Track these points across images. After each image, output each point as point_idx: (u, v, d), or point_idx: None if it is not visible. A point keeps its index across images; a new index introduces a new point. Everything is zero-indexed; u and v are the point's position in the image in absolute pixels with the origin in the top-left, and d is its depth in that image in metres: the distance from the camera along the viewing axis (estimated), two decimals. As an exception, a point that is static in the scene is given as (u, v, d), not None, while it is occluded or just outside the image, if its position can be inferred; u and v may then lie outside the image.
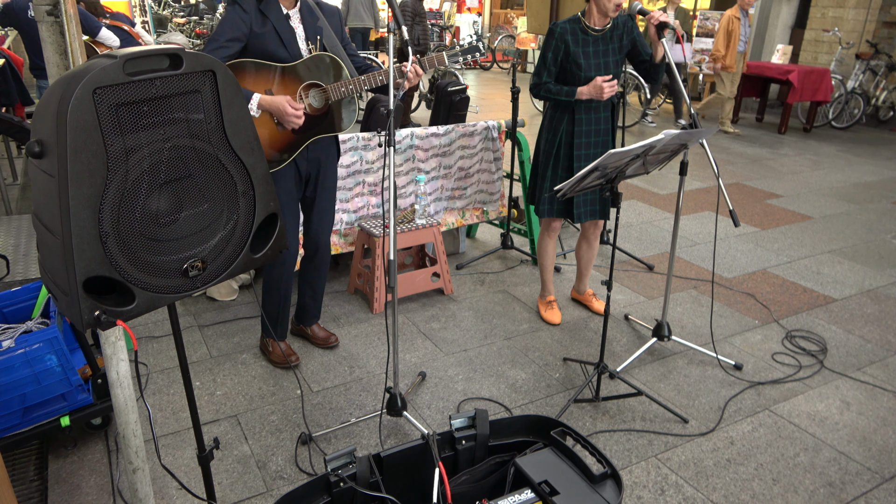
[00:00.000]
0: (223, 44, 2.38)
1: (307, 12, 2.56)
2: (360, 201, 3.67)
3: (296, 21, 2.53)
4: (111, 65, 1.18)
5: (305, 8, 2.56)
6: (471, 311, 3.53)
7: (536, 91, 2.99)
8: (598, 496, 1.56)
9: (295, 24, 2.52)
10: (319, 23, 2.58)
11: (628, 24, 2.96)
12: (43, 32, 1.61)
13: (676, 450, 2.48)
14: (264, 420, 2.60)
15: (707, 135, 2.45)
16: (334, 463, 1.64)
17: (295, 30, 2.52)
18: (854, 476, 2.36)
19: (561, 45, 2.90)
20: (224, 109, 1.38)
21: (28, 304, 2.51)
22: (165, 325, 3.30)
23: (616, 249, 4.02)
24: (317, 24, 2.57)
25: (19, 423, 2.21)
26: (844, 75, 8.76)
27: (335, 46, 2.60)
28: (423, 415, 2.66)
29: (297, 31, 2.53)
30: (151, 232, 1.31)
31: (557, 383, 2.89)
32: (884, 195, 5.87)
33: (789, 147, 7.74)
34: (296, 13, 2.53)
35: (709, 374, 2.98)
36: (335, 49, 2.60)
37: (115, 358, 1.75)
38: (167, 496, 2.21)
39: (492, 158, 4.06)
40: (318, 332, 3.13)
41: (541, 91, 2.97)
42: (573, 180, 2.27)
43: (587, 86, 2.87)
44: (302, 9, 2.54)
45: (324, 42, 2.59)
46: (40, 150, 1.20)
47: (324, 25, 2.59)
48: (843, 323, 3.49)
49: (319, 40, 2.58)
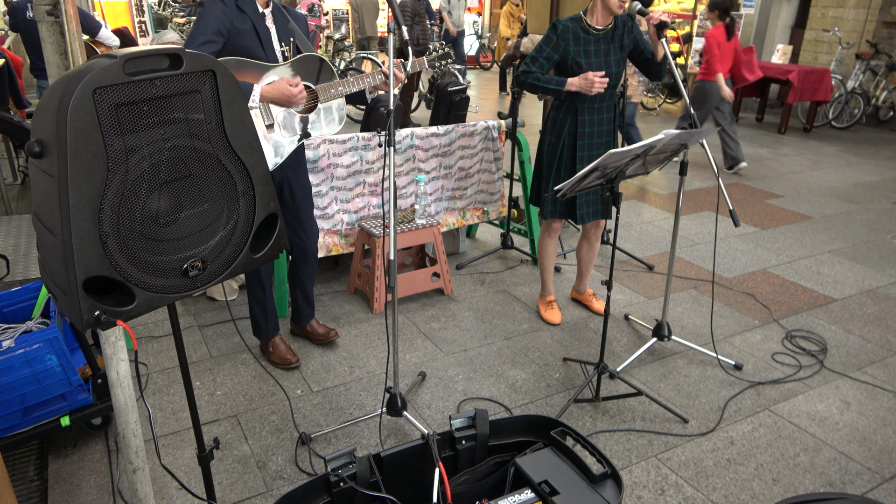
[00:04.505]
0: (210, 38, 2.33)
1: (278, 13, 2.57)
2: (360, 201, 3.67)
3: (269, 21, 2.53)
4: (111, 65, 1.18)
5: (276, 9, 2.56)
6: (471, 311, 3.53)
7: (524, 78, 2.94)
8: (598, 496, 1.56)
9: (269, 24, 2.53)
10: (290, 25, 2.59)
11: (629, 24, 2.96)
12: (43, 32, 1.61)
13: (676, 450, 2.48)
14: (264, 420, 2.60)
15: (707, 135, 2.45)
16: (334, 463, 1.64)
17: (270, 29, 2.52)
18: (854, 476, 2.36)
19: (561, 43, 2.90)
20: (224, 109, 1.38)
21: (28, 304, 2.51)
22: (165, 325, 3.30)
23: (616, 249, 4.02)
24: (288, 26, 2.57)
25: (19, 423, 2.21)
26: (844, 75, 8.76)
27: (307, 49, 2.61)
28: (423, 415, 2.66)
29: (272, 30, 2.53)
30: (151, 232, 1.31)
31: (557, 383, 2.88)
32: (884, 195, 5.87)
33: (789, 147, 7.75)
34: (269, 13, 2.53)
35: (709, 374, 2.98)
36: (308, 52, 2.60)
37: (115, 358, 1.75)
38: (167, 496, 2.21)
39: (492, 158, 4.06)
40: (318, 328, 3.13)
41: (528, 79, 2.93)
42: (573, 180, 2.27)
43: (577, 77, 2.84)
44: (274, 10, 2.55)
45: (297, 44, 2.59)
46: (40, 150, 1.20)
47: (294, 28, 2.60)
48: (843, 323, 3.49)
49: (293, 42, 2.58)
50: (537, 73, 2.94)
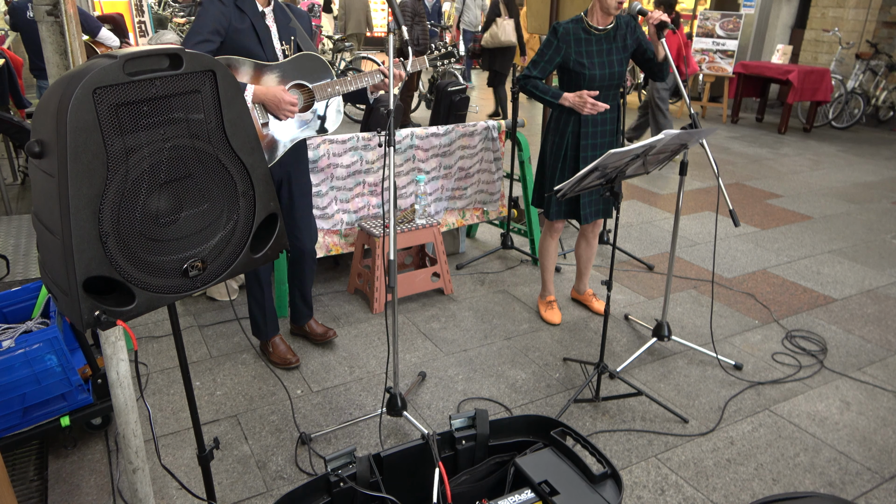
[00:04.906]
0: (207, 37, 2.34)
1: (280, 12, 2.56)
2: (360, 201, 3.67)
3: (270, 19, 2.53)
4: (111, 65, 1.18)
5: (278, 7, 2.56)
6: (471, 311, 3.53)
7: (525, 82, 2.96)
8: (598, 496, 1.56)
9: (269, 23, 2.52)
10: (292, 23, 2.58)
11: (631, 24, 2.96)
12: (43, 32, 1.61)
13: (676, 450, 2.48)
14: (264, 420, 2.60)
15: (707, 135, 2.45)
16: (334, 463, 1.64)
17: (270, 28, 2.52)
18: (854, 476, 2.36)
19: (562, 45, 2.90)
20: (224, 109, 1.38)
21: (28, 304, 2.51)
22: (165, 325, 3.30)
23: (616, 249, 4.02)
24: (289, 25, 2.57)
25: (19, 423, 2.21)
26: (844, 75, 8.76)
27: (309, 48, 2.60)
28: (423, 415, 2.66)
29: (272, 29, 2.53)
30: (151, 232, 1.31)
31: (557, 383, 2.88)
32: (884, 195, 5.87)
33: (789, 147, 7.75)
34: (270, 12, 2.53)
35: (709, 374, 2.98)
36: (309, 50, 2.60)
37: (115, 358, 1.75)
38: (167, 496, 2.21)
39: (492, 158, 4.06)
40: (316, 327, 3.13)
41: (528, 84, 2.95)
42: (573, 180, 2.27)
43: (573, 94, 2.87)
44: (275, 8, 2.55)
45: (298, 42, 2.58)
46: (40, 150, 1.20)
47: (296, 26, 2.59)
48: (843, 323, 3.49)
49: (294, 41, 2.57)
50: (537, 77, 2.95)
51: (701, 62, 8.94)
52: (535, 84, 2.94)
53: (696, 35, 8.96)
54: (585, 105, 2.83)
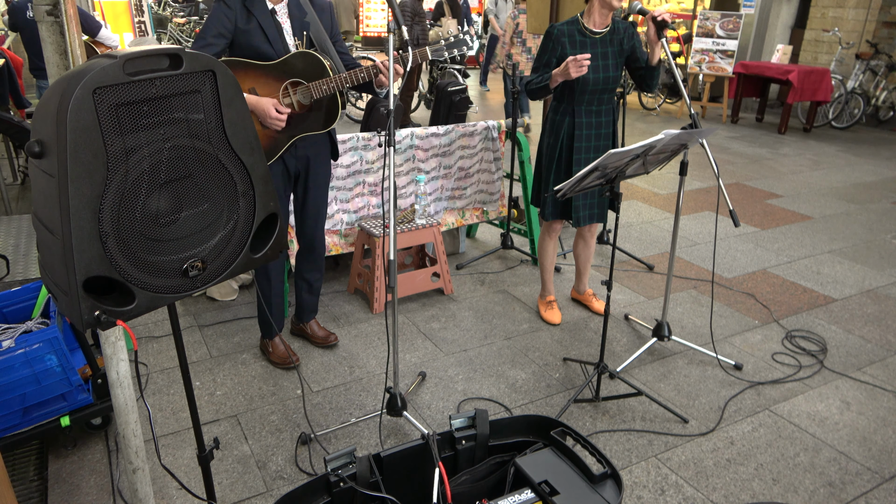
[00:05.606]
0: (209, 41, 2.38)
1: (295, 7, 2.55)
2: (360, 201, 3.67)
3: (283, 16, 2.52)
4: (111, 65, 1.17)
5: (293, 2, 2.55)
6: (471, 311, 3.53)
7: (528, 87, 3.00)
8: (598, 496, 1.56)
9: (282, 19, 2.52)
10: (307, 18, 2.58)
11: (629, 30, 2.96)
12: (43, 32, 1.61)
13: (676, 450, 2.48)
14: (264, 420, 2.60)
15: (707, 135, 2.45)
16: (334, 463, 1.64)
17: (282, 24, 2.51)
18: (854, 476, 2.36)
19: (557, 47, 2.91)
20: (224, 109, 1.38)
21: (28, 304, 2.51)
22: (165, 325, 3.30)
23: (616, 249, 4.02)
24: (304, 19, 2.57)
25: (19, 423, 2.21)
26: (844, 75, 8.76)
27: (324, 42, 2.59)
28: (423, 415, 2.66)
29: (284, 25, 2.52)
30: (151, 232, 1.31)
31: (557, 383, 2.88)
32: (884, 195, 5.87)
33: (789, 147, 7.75)
34: (283, 7, 2.52)
35: (709, 374, 2.98)
36: (324, 45, 2.59)
37: (115, 358, 1.75)
38: (167, 496, 2.21)
39: (492, 158, 4.06)
40: (318, 330, 3.13)
41: (530, 87, 2.98)
42: (573, 180, 2.27)
43: (558, 68, 2.79)
44: (290, 3, 2.54)
45: (311, 37, 2.58)
46: (40, 150, 1.20)
47: (312, 21, 2.58)
48: (843, 323, 3.49)
49: (306, 35, 2.57)
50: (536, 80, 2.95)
51: (701, 62, 8.94)
52: (533, 83, 2.94)
53: (696, 35, 8.96)
54: (570, 69, 2.71)
